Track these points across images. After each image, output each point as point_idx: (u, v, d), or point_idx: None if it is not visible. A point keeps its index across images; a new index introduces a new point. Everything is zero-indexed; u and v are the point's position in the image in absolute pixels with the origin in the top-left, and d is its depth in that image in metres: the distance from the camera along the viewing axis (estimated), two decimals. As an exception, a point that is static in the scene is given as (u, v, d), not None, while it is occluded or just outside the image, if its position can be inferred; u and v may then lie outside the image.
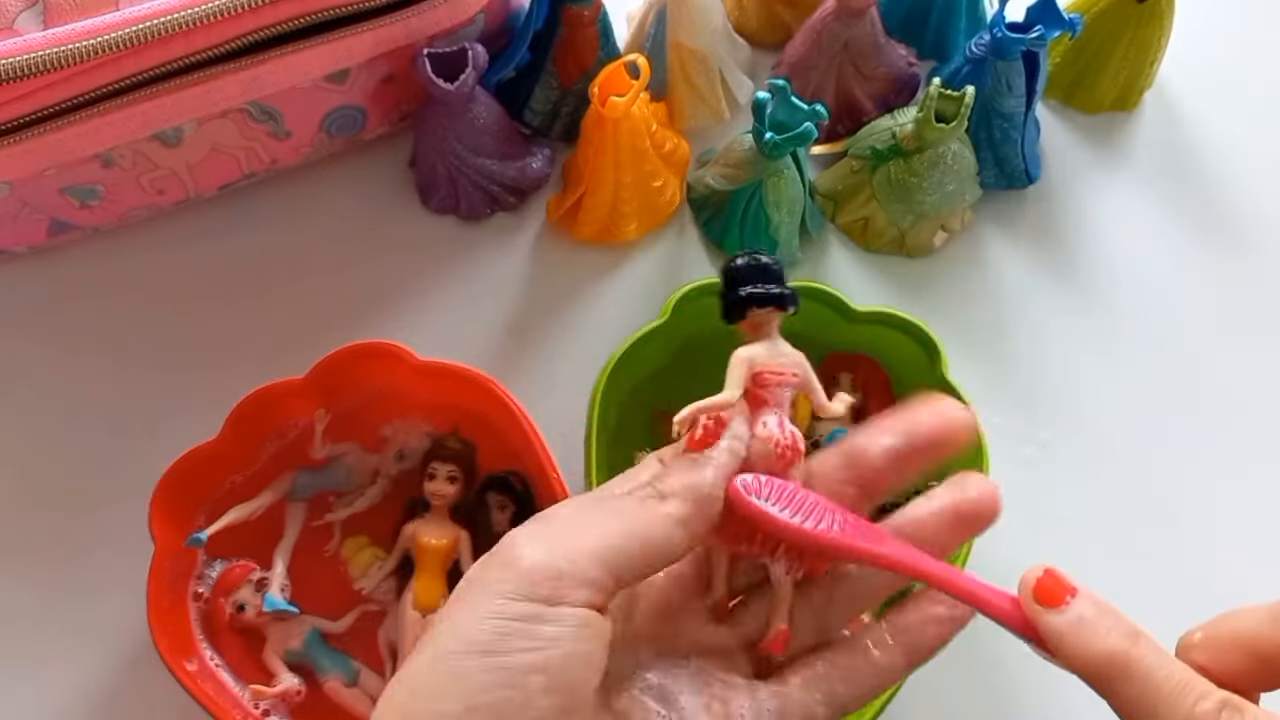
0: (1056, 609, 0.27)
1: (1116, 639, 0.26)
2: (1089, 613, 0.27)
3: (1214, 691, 0.26)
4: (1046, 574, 0.28)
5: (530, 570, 0.26)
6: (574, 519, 0.28)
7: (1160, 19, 0.55)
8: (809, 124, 0.48)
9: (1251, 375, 0.53)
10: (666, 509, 0.28)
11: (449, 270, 0.54)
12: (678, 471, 0.29)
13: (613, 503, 0.29)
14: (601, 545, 0.27)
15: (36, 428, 0.51)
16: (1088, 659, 0.26)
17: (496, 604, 0.26)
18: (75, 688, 0.46)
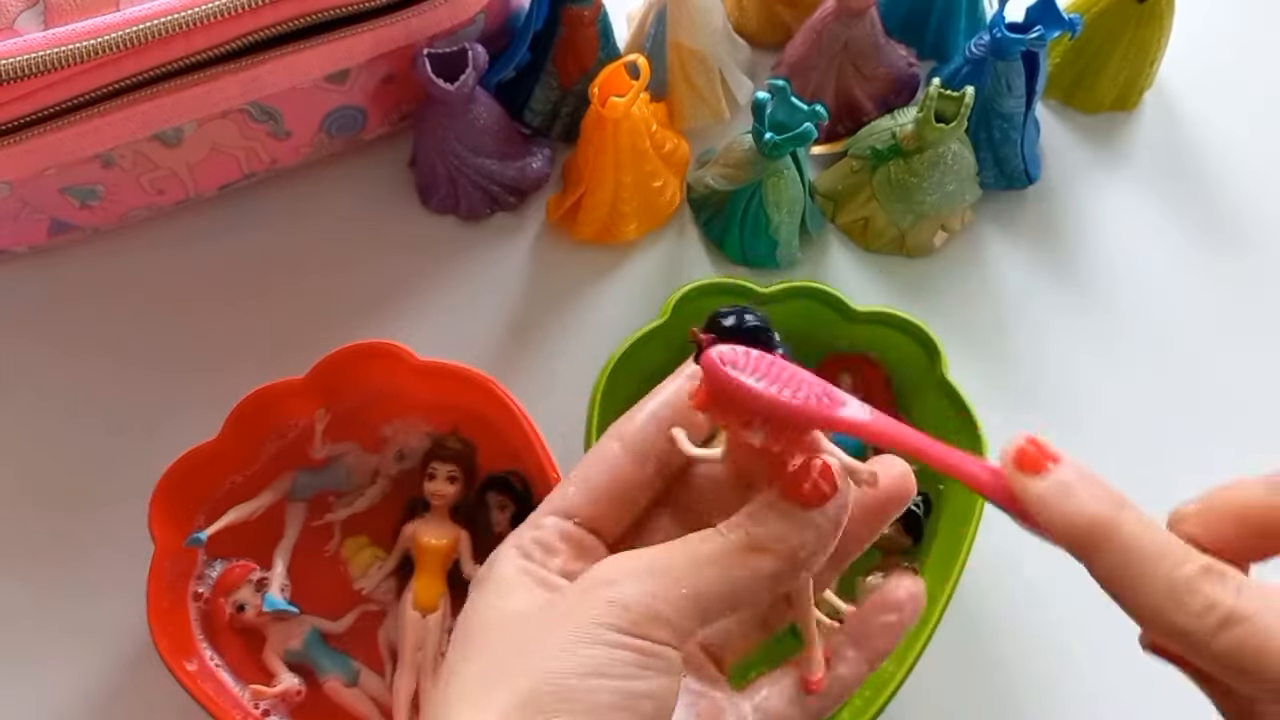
0: (1038, 475, 0.27)
1: (1100, 505, 0.26)
2: (1072, 479, 0.26)
3: (1196, 557, 0.25)
4: (1029, 441, 0.27)
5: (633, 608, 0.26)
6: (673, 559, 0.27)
7: (1160, 19, 0.55)
8: (809, 124, 0.48)
9: (1252, 375, 0.53)
10: (762, 566, 0.27)
11: (449, 270, 0.54)
12: (777, 522, 0.27)
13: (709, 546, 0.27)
14: (696, 592, 0.27)
15: (37, 428, 0.51)
16: (1070, 526, 0.26)
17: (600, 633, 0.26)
18: (75, 688, 0.46)
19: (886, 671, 0.42)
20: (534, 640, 0.26)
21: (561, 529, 0.30)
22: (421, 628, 0.45)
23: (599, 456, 0.31)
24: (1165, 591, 0.25)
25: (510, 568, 0.29)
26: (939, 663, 0.43)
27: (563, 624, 0.26)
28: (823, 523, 0.28)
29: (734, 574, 0.27)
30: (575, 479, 0.31)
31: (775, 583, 0.27)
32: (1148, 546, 0.25)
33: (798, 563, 0.27)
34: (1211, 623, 0.25)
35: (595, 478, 0.31)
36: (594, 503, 0.30)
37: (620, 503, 0.31)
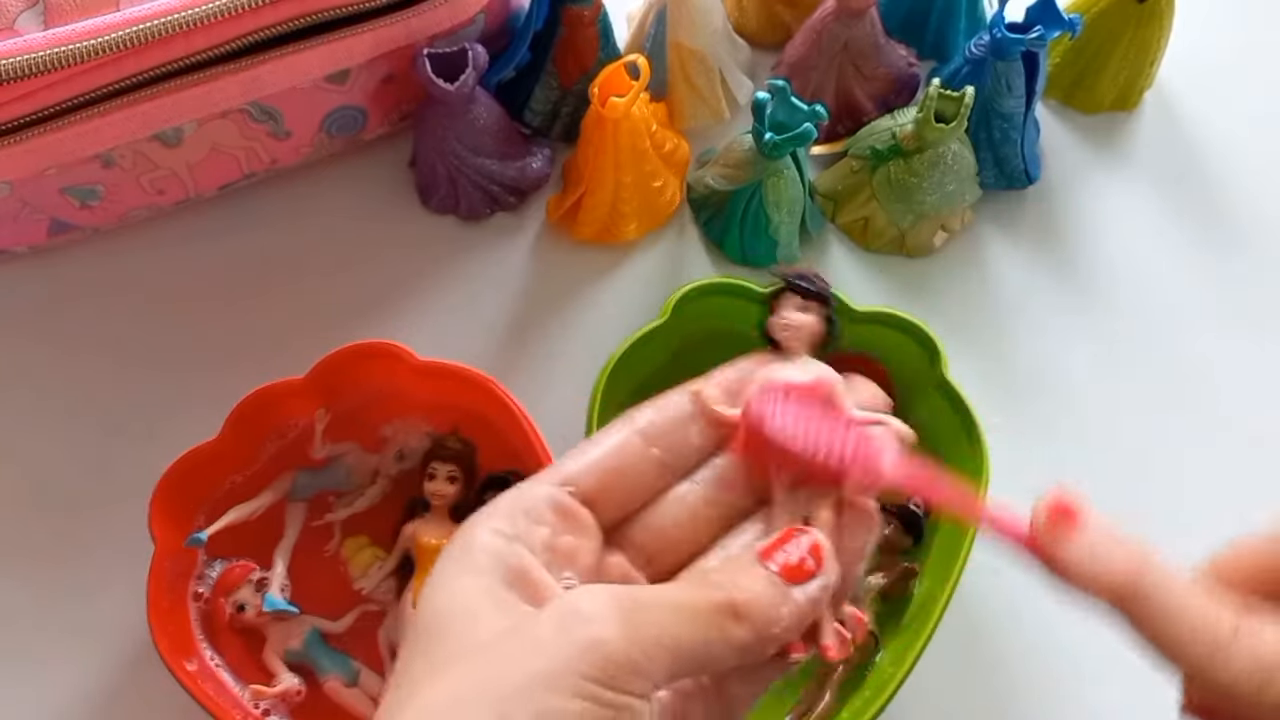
0: (1069, 540, 0.27)
1: (1130, 564, 0.26)
2: (1099, 540, 0.27)
3: (1229, 613, 0.26)
4: (1054, 508, 0.27)
5: (613, 658, 0.25)
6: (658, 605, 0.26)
7: (1160, 19, 0.55)
8: (809, 124, 0.48)
9: (1252, 374, 0.53)
10: (735, 633, 0.26)
11: (449, 270, 0.54)
12: (756, 590, 0.27)
13: (692, 599, 0.27)
14: (676, 647, 0.26)
15: (37, 428, 0.51)
16: (1104, 587, 0.26)
17: (577, 684, 0.24)
18: (75, 688, 0.46)
19: (886, 671, 0.42)
20: (502, 673, 0.24)
21: (554, 498, 0.29)
22: (421, 628, 0.45)
23: (605, 432, 0.30)
24: (1203, 646, 0.25)
25: (483, 537, 0.27)
26: (939, 663, 0.43)
27: (535, 659, 0.24)
28: (802, 600, 0.27)
29: (709, 634, 0.26)
30: (576, 450, 0.30)
31: (742, 653, 0.27)
32: (1181, 605, 0.26)
33: (768, 638, 0.27)
34: (1257, 676, 0.25)
35: (598, 449, 0.30)
36: (594, 473, 0.29)
37: (622, 479, 0.30)
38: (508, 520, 0.28)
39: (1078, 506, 0.27)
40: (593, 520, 0.29)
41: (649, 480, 0.30)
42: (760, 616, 0.26)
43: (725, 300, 0.48)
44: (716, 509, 0.30)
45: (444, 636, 0.26)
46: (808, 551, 0.28)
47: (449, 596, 0.27)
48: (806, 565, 0.27)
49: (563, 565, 0.28)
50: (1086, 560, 0.27)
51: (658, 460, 0.30)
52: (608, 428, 0.30)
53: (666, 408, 0.31)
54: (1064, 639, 0.48)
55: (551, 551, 0.28)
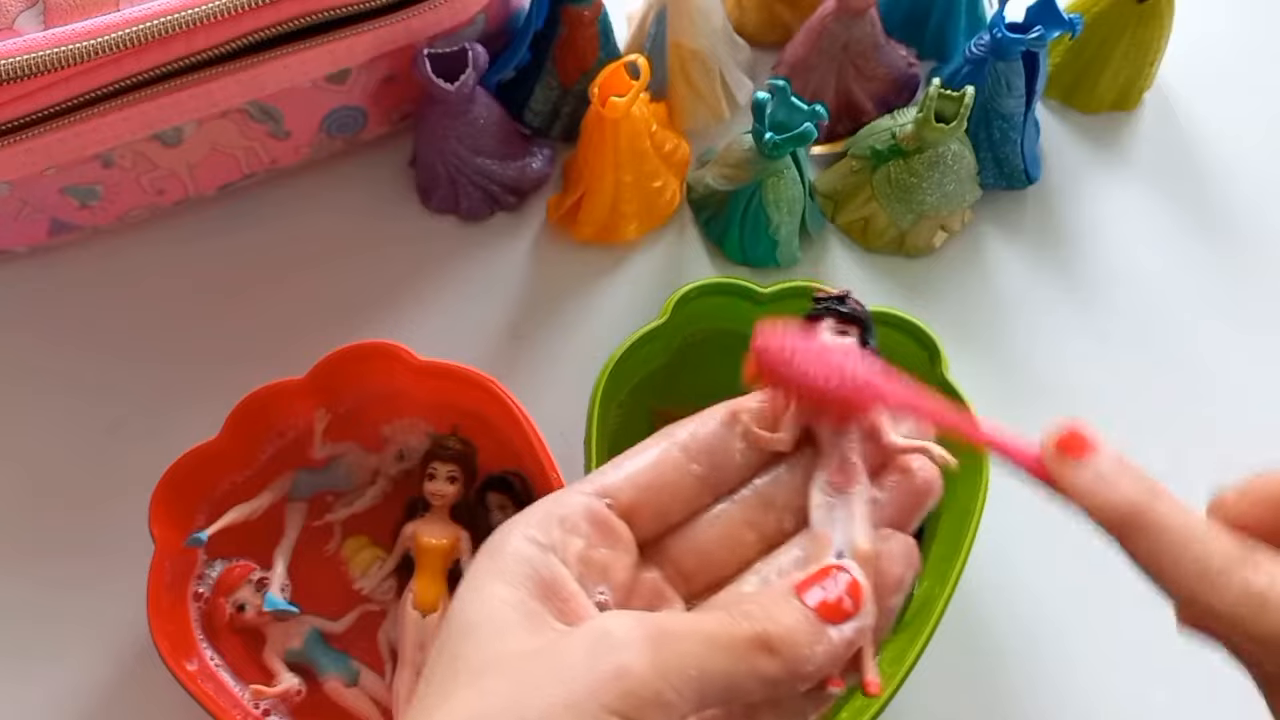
0: (1076, 462, 0.27)
1: (1137, 492, 0.27)
2: (1108, 467, 0.27)
3: (1231, 541, 0.26)
4: (1068, 430, 0.28)
5: (638, 691, 0.24)
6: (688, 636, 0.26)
7: (1160, 19, 0.55)
8: (809, 124, 0.49)
9: (1252, 374, 0.53)
10: (766, 667, 0.26)
11: (449, 270, 0.54)
12: (789, 624, 0.26)
13: (723, 630, 0.26)
14: (703, 678, 0.25)
15: (37, 426, 0.51)
16: (1108, 510, 0.27)
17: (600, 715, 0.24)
18: (75, 687, 0.46)
19: (886, 672, 0.42)
20: (527, 695, 0.24)
21: (591, 509, 0.28)
22: (422, 628, 0.45)
23: (644, 446, 0.30)
24: (1199, 575, 0.25)
25: (516, 543, 0.27)
26: (939, 663, 0.43)
27: (561, 684, 0.24)
28: (837, 640, 0.27)
29: (738, 667, 0.26)
30: (616, 461, 0.29)
31: (772, 687, 0.26)
32: (1183, 531, 0.26)
33: (800, 675, 0.26)
34: (1247, 607, 0.25)
35: (639, 462, 0.29)
36: (634, 487, 0.29)
37: (661, 494, 0.29)
38: (542, 528, 0.28)
39: (1090, 434, 0.28)
40: (629, 534, 0.29)
41: (688, 497, 0.30)
42: (793, 653, 0.26)
43: (725, 300, 0.48)
44: (755, 530, 0.30)
45: (472, 644, 0.26)
46: (845, 591, 0.27)
47: (480, 604, 0.26)
48: (844, 605, 0.27)
49: (597, 579, 0.28)
50: (1093, 484, 0.27)
51: (698, 476, 0.30)
52: (648, 440, 0.30)
53: (709, 423, 0.30)
54: (1064, 639, 0.48)
55: (586, 564, 0.28)
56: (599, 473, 0.29)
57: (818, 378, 0.28)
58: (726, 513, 0.30)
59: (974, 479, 0.44)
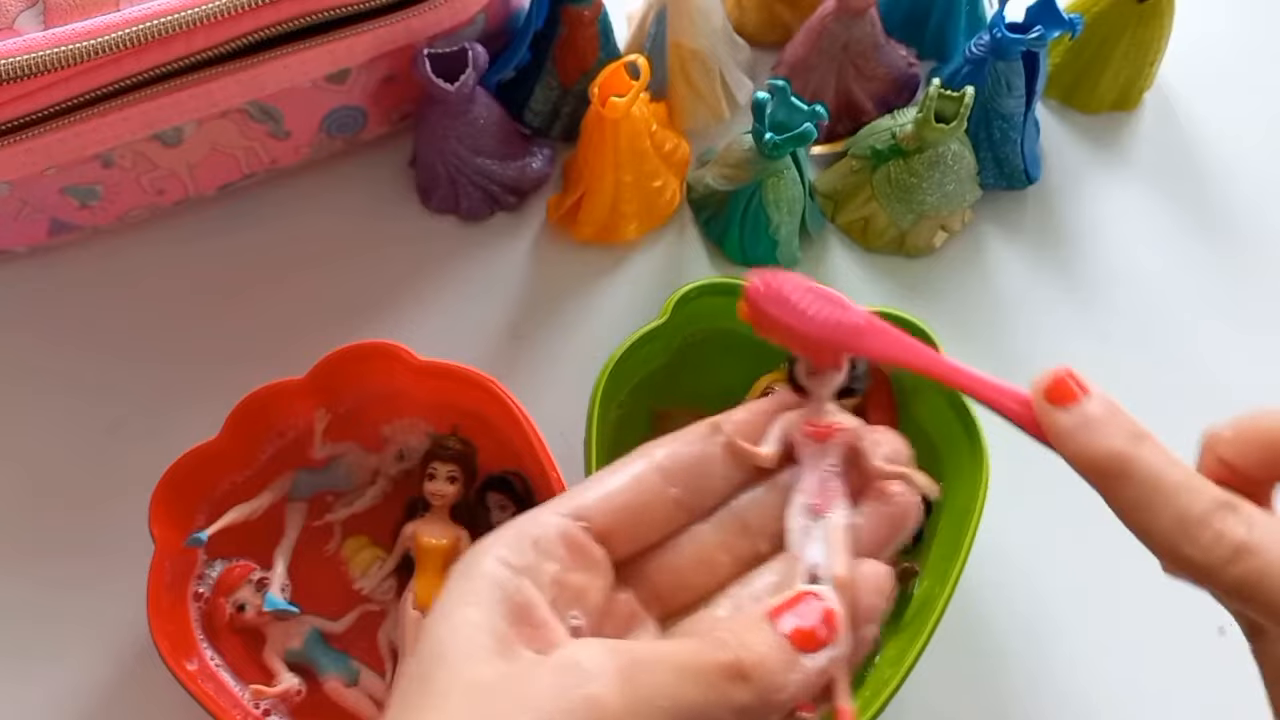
0: (1064, 407, 0.27)
1: (1121, 440, 0.27)
2: (1096, 412, 0.27)
3: (1211, 490, 0.26)
4: (1058, 377, 0.28)
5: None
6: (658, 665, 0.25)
7: (1160, 19, 0.55)
8: (809, 124, 0.49)
9: (1252, 373, 0.53)
10: (738, 696, 0.26)
11: (449, 270, 0.54)
12: (763, 652, 0.26)
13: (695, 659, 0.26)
14: (675, 709, 0.25)
15: (37, 427, 0.51)
16: (1090, 458, 0.26)
17: None
18: (75, 687, 0.46)
19: (886, 671, 0.42)
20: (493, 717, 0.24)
21: (565, 531, 0.28)
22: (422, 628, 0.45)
23: (622, 466, 0.29)
24: (1177, 524, 0.25)
25: (488, 564, 0.27)
26: (939, 663, 0.43)
27: (529, 715, 0.24)
28: (810, 668, 0.26)
29: (711, 696, 0.25)
30: (591, 481, 0.29)
31: (744, 715, 0.26)
32: (1163, 480, 0.26)
33: (772, 704, 0.26)
34: (1221, 555, 0.25)
35: (616, 483, 0.29)
36: (609, 509, 0.28)
37: (638, 516, 0.29)
38: (515, 550, 0.27)
39: (1080, 379, 0.27)
40: (605, 557, 0.29)
41: (664, 519, 0.29)
42: (766, 681, 0.26)
43: (725, 300, 0.47)
44: (730, 553, 0.30)
45: (442, 668, 0.25)
46: (820, 619, 0.27)
47: (450, 628, 0.26)
48: (819, 634, 0.27)
49: (570, 603, 0.27)
50: (1080, 430, 0.27)
51: (675, 499, 0.29)
52: (625, 459, 0.30)
53: (687, 444, 0.30)
54: (1064, 638, 0.48)
55: (560, 588, 0.27)
56: (574, 492, 0.29)
57: (808, 317, 0.28)
58: (702, 535, 0.30)
59: (974, 479, 0.44)
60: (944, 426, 0.46)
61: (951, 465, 0.46)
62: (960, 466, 0.45)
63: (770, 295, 0.29)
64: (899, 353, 0.29)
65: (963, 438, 0.45)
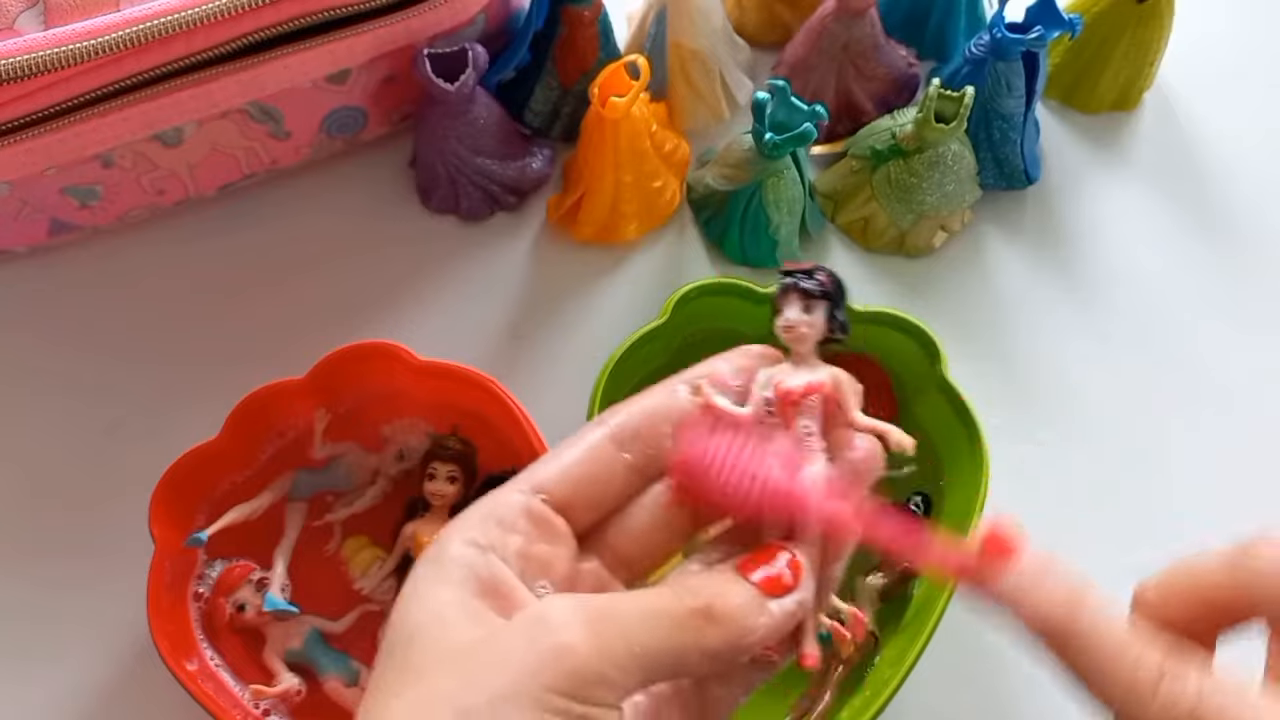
0: (1003, 574, 0.27)
1: (1061, 602, 0.26)
2: (1030, 574, 0.27)
3: (1153, 655, 0.26)
4: (990, 531, 0.27)
5: (580, 670, 0.24)
6: (627, 612, 0.26)
7: (1160, 19, 0.55)
8: (809, 124, 0.49)
9: (1253, 374, 0.53)
10: (709, 639, 0.26)
11: (449, 270, 0.54)
12: (733, 597, 0.27)
13: (663, 604, 0.26)
14: (645, 654, 0.25)
15: (37, 427, 0.51)
16: (1032, 623, 0.27)
17: (543, 697, 0.24)
18: (75, 687, 0.46)
19: (886, 672, 0.42)
20: (468, 685, 0.24)
21: (528, 505, 0.28)
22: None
23: (577, 436, 0.30)
24: (1129, 690, 0.25)
25: (455, 549, 0.27)
26: (939, 663, 0.43)
27: (502, 671, 0.24)
28: (777, 613, 0.27)
29: (682, 639, 0.26)
30: (548, 456, 0.30)
31: (714, 659, 0.26)
32: (1110, 643, 0.26)
33: (741, 646, 0.27)
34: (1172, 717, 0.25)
35: (571, 455, 0.29)
36: (567, 480, 0.29)
37: (594, 485, 0.29)
38: (480, 530, 0.28)
39: (1013, 539, 0.27)
40: (566, 527, 0.29)
41: (620, 485, 0.30)
42: (736, 624, 0.26)
43: (725, 300, 0.48)
44: (686, 510, 0.30)
45: (416, 646, 0.26)
46: (786, 566, 0.27)
47: (421, 607, 0.26)
48: (784, 579, 0.27)
49: (537, 574, 0.28)
50: (1019, 593, 0.27)
51: (628, 465, 0.30)
52: (582, 429, 0.30)
53: (640, 408, 0.30)
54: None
55: (526, 560, 0.28)
56: (532, 469, 0.29)
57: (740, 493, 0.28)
58: (659, 496, 0.30)
59: (974, 479, 0.44)
60: (944, 426, 0.46)
61: (951, 465, 0.46)
62: (960, 466, 0.45)
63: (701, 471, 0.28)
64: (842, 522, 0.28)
65: (963, 438, 0.45)
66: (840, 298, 0.31)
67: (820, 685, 0.44)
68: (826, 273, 0.31)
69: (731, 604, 0.27)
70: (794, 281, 0.31)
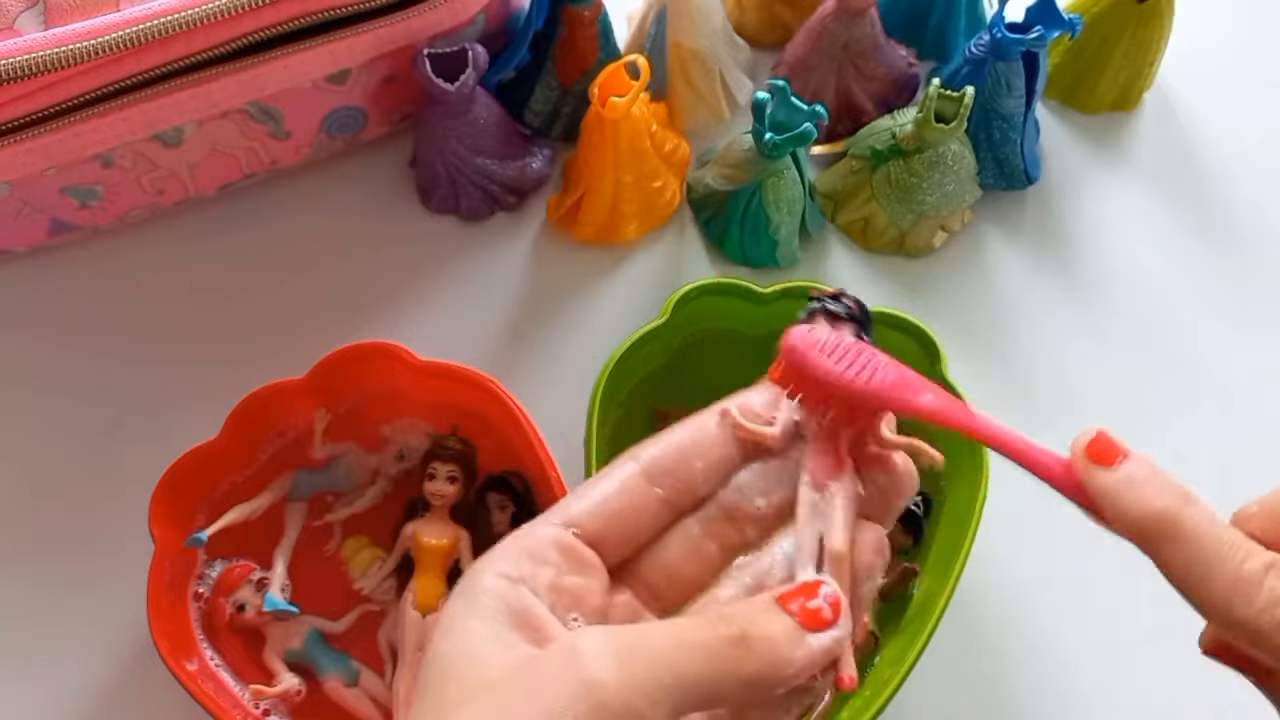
0: (1108, 468, 0.27)
1: (1169, 499, 0.26)
2: (1140, 473, 0.27)
3: (1262, 553, 0.26)
4: (1099, 435, 0.28)
5: (609, 703, 0.24)
6: (659, 644, 0.26)
7: (1160, 19, 0.55)
8: (809, 124, 0.49)
9: (1253, 374, 0.53)
10: (745, 665, 0.26)
11: (449, 270, 0.54)
12: (770, 628, 0.27)
13: (697, 634, 0.26)
14: (677, 684, 0.25)
15: (37, 427, 0.51)
16: (1138, 518, 0.26)
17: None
18: (75, 687, 0.46)
19: (886, 672, 0.42)
20: (500, 713, 0.24)
21: (559, 539, 0.29)
22: (422, 628, 0.45)
23: (609, 471, 0.30)
24: (1231, 585, 0.25)
25: (487, 581, 0.27)
26: (939, 663, 0.43)
27: (534, 704, 0.24)
28: (815, 647, 0.27)
29: (716, 665, 0.26)
30: (580, 491, 0.30)
31: (750, 688, 0.26)
32: (1214, 541, 0.26)
33: (778, 678, 0.26)
34: (1277, 616, 0.25)
35: (602, 490, 0.30)
36: (599, 515, 0.29)
37: (626, 520, 0.29)
38: (512, 563, 0.28)
39: (1120, 440, 0.27)
40: (598, 561, 0.29)
41: (652, 519, 0.30)
42: (772, 655, 0.26)
43: (725, 300, 0.48)
44: (718, 542, 0.30)
45: (451, 680, 0.26)
46: (825, 601, 0.27)
47: (455, 641, 0.27)
48: (824, 614, 0.27)
49: (569, 607, 0.28)
50: (1125, 490, 0.27)
51: (660, 499, 0.30)
52: (611, 465, 0.30)
53: (671, 443, 0.30)
54: (1064, 639, 0.48)
55: (557, 593, 0.28)
56: (564, 504, 0.30)
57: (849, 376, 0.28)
58: (690, 528, 0.30)
59: (974, 479, 0.44)
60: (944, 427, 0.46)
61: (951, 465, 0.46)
62: (960, 466, 0.45)
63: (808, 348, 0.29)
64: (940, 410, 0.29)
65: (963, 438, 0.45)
66: (867, 323, 0.31)
67: (820, 685, 0.44)
68: (853, 298, 0.31)
69: (768, 631, 0.27)
70: (821, 305, 0.31)
